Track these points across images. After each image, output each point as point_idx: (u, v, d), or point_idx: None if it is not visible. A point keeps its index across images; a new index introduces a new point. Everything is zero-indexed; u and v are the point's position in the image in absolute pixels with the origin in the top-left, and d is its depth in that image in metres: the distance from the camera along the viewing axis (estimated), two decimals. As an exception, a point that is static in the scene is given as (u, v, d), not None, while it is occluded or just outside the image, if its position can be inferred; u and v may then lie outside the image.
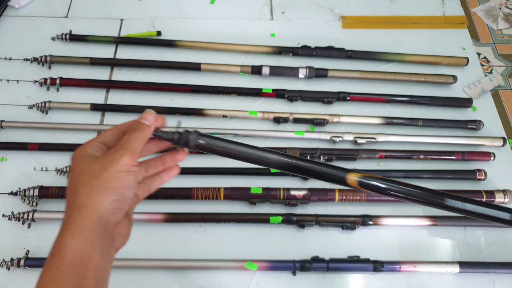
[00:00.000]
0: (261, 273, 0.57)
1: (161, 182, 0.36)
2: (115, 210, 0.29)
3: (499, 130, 0.72)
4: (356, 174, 0.35)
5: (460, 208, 0.36)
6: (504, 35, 0.85)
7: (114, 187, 0.29)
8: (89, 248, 0.27)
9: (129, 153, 0.30)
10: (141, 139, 0.31)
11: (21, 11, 0.83)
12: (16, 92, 0.72)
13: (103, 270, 0.28)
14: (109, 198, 0.28)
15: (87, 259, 0.26)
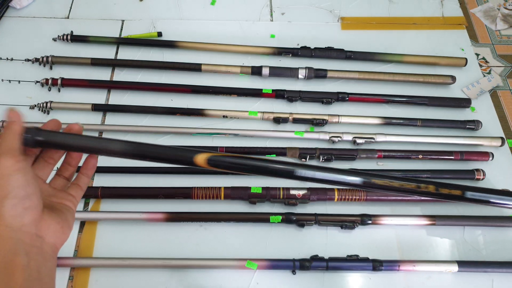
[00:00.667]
0: (261, 272, 0.57)
1: (86, 176, 0.37)
2: (21, 212, 0.29)
3: (497, 130, 0.72)
4: (206, 154, 0.34)
5: (310, 177, 0.35)
6: (502, 35, 0.86)
7: (5, 194, 0.28)
8: (11, 253, 0.28)
9: (5, 155, 0.29)
10: (10, 135, 0.30)
11: (22, 12, 0.83)
12: (17, 92, 0.73)
13: (36, 268, 0.28)
14: (7, 206, 0.28)
15: (11, 263, 0.27)
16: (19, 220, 0.29)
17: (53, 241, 0.31)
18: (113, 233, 0.60)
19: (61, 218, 0.32)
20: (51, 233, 0.31)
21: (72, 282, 0.56)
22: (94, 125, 0.69)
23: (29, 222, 0.29)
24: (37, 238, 0.30)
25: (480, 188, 0.35)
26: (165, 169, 0.64)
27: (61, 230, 0.32)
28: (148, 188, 0.62)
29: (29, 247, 0.29)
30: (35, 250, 0.29)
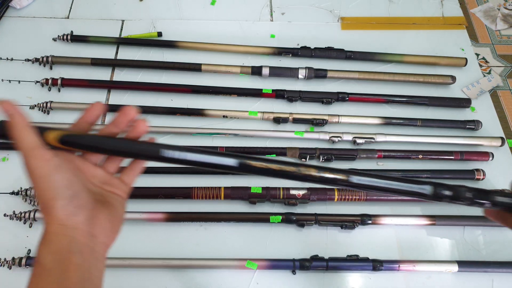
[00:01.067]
0: (261, 272, 0.57)
1: (133, 174, 0.35)
2: (74, 211, 0.28)
3: (497, 130, 0.72)
4: (59, 131, 0.30)
5: (175, 158, 0.31)
6: (502, 35, 0.86)
7: (50, 197, 0.27)
8: (65, 251, 0.27)
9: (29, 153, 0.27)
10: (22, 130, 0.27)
11: (22, 12, 0.83)
12: (17, 92, 0.73)
13: (88, 269, 0.28)
14: (57, 208, 0.27)
15: (65, 261, 0.27)
16: (73, 218, 0.28)
17: (105, 240, 0.30)
18: (113, 233, 0.60)
19: (113, 214, 0.31)
20: (103, 232, 0.30)
21: (72, 282, 0.56)
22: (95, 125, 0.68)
23: (83, 220, 0.28)
24: (90, 237, 0.28)
25: (369, 174, 0.34)
26: (165, 169, 0.64)
27: (112, 228, 0.31)
28: (148, 188, 0.62)
29: (83, 246, 0.28)
30: (88, 250, 0.28)
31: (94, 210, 0.29)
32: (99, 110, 0.34)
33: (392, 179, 0.35)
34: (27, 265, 0.55)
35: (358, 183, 0.34)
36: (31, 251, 0.58)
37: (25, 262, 0.55)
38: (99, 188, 0.32)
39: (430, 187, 0.35)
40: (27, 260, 0.55)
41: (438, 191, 0.35)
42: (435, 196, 0.35)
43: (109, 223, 0.30)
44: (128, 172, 0.34)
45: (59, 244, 0.27)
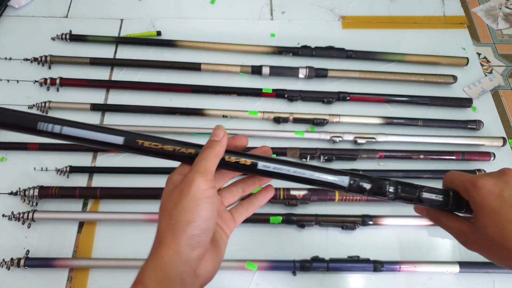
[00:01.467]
0: (261, 273, 0.57)
1: (259, 203, 0.35)
2: (195, 245, 0.27)
3: (499, 130, 0.72)
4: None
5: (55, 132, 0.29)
6: (504, 35, 0.85)
7: (189, 220, 0.27)
8: (169, 282, 0.26)
9: (201, 175, 0.28)
10: (211, 156, 0.29)
11: (21, 11, 0.83)
12: (16, 92, 0.72)
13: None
14: (186, 234, 0.27)
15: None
16: (189, 252, 0.27)
17: (203, 281, 0.29)
18: (112, 234, 0.60)
19: (217, 256, 0.30)
20: (205, 272, 0.29)
21: (71, 283, 0.56)
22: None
23: (195, 257, 0.27)
24: (193, 277, 0.28)
25: (279, 160, 0.33)
26: (165, 170, 0.64)
27: (214, 269, 0.30)
28: (148, 189, 0.61)
29: (184, 283, 0.27)
30: (187, 287, 0.27)
31: (206, 250, 0.29)
32: (245, 142, 0.34)
33: (307, 167, 0.32)
34: (25, 266, 0.55)
35: (263, 169, 0.32)
36: (29, 251, 0.57)
37: (23, 263, 0.55)
38: None
39: (347, 178, 0.32)
40: (25, 261, 0.55)
41: (355, 183, 0.32)
42: (352, 188, 0.32)
43: (212, 264, 0.29)
44: (241, 211, 0.34)
45: (166, 274, 0.26)
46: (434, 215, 0.35)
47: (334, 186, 0.33)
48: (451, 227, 0.33)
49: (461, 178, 0.32)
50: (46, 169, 0.64)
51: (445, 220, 0.34)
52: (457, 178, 0.32)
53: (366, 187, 0.33)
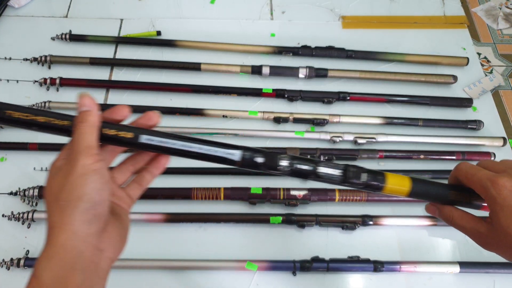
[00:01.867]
0: (261, 273, 0.57)
1: (151, 176, 0.34)
2: (91, 219, 0.26)
3: (499, 130, 0.72)
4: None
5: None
6: (504, 35, 0.85)
7: (80, 195, 0.26)
8: (68, 268, 0.25)
9: (83, 153, 0.26)
10: (87, 130, 0.27)
11: (21, 11, 0.83)
12: (15, 92, 0.72)
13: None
14: (79, 210, 0.25)
15: (65, 280, 0.25)
16: (86, 228, 0.26)
17: (111, 255, 0.28)
18: (112, 234, 0.60)
19: (122, 227, 0.29)
20: (111, 245, 0.28)
21: (71, 284, 0.56)
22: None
23: (94, 232, 0.26)
24: (97, 252, 0.27)
25: (160, 132, 0.31)
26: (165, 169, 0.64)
27: (120, 242, 0.29)
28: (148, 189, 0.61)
29: (87, 263, 0.26)
30: (92, 267, 0.26)
31: (106, 223, 0.28)
32: (125, 112, 0.32)
33: (195, 141, 0.31)
34: (25, 266, 0.55)
35: (147, 143, 0.30)
36: (29, 252, 0.57)
37: (23, 263, 0.55)
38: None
39: (240, 152, 0.31)
40: (25, 261, 0.55)
41: (247, 157, 0.31)
42: (246, 163, 0.31)
43: (118, 236, 0.29)
44: (134, 186, 0.33)
45: (63, 260, 0.25)
46: (447, 215, 0.34)
47: (226, 160, 0.31)
48: (466, 228, 0.32)
49: (479, 175, 0.30)
50: (46, 169, 0.64)
51: (460, 221, 0.33)
52: (474, 175, 0.31)
53: (258, 161, 0.31)
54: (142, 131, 0.31)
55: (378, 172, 0.33)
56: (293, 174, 0.32)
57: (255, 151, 0.32)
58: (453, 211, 0.33)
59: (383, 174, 0.33)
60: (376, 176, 0.33)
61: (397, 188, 0.33)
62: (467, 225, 0.32)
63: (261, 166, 0.32)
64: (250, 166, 0.32)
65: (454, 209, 0.33)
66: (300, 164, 0.32)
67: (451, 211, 0.33)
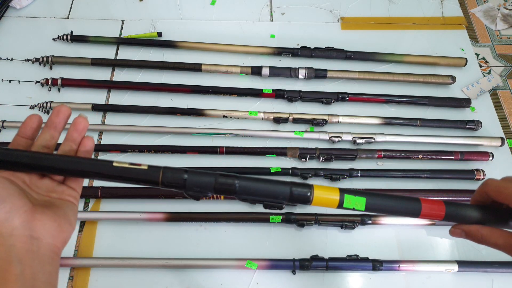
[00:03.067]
0: (261, 272, 0.57)
1: (80, 179, 0.34)
2: (6, 216, 0.27)
3: (497, 130, 0.72)
4: None
5: None
6: (502, 35, 0.86)
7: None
8: (3, 262, 0.26)
9: None
10: None
11: (22, 12, 0.83)
12: (17, 92, 0.73)
13: (31, 276, 0.26)
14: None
15: (4, 273, 0.26)
16: (7, 225, 0.27)
17: (51, 241, 0.29)
18: (113, 233, 0.60)
19: (58, 214, 0.30)
20: (47, 232, 0.29)
21: (72, 282, 0.56)
22: (94, 125, 0.69)
23: (19, 225, 0.27)
24: (32, 241, 0.27)
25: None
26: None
27: (59, 228, 0.29)
28: (148, 188, 0.62)
29: (23, 253, 0.27)
30: (30, 256, 0.27)
31: (33, 213, 0.28)
32: (35, 122, 0.33)
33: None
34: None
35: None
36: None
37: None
38: (46, 197, 0.31)
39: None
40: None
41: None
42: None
43: (54, 222, 0.29)
44: (73, 179, 0.34)
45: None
46: (475, 235, 0.33)
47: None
48: (499, 245, 0.32)
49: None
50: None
51: (491, 238, 0.33)
52: (508, 188, 0.30)
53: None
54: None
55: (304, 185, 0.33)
56: (218, 192, 0.33)
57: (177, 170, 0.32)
58: (481, 230, 0.33)
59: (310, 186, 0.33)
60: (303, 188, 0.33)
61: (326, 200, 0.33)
62: (499, 241, 0.32)
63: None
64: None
65: (480, 228, 0.33)
66: (223, 181, 0.32)
67: (478, 230, 0.33)
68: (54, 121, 0.33)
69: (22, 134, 0.33)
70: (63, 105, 0.33)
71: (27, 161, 0.31)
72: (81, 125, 0.34)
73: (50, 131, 0.33)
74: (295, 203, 0.34)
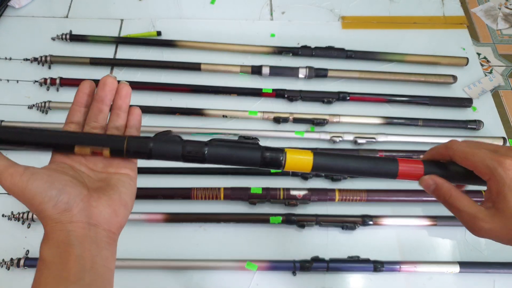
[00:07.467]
0: (261, 273, 0.57)
1: (135, 128, 0.35)
2: (66, 207, 0.28)
3: (499, 130, 0.72)
4: None
5: None
6: (504, 35, 0.85)
7: (38, 202, 0.28)
8: (64, 245, 0.27)
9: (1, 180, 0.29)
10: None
11: (21, 11, 0.83)
12: (16, 92, 0.72)
13: (90, 258, 0.28)
14: (48, 209, 0.28)
15: (65, 254, 0.27)
16: (66, 214, 0.28)
17: (107, 227, 0.29)
18: (112, 234, 0.60)
19: (113, 198, 0.30)
20: (103, 219, 0.29)
21: (71, 283, 0.56)
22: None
23: (77, 213, 0.28)
24: (90, 227, 0.28)
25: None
26: (164, 170, 0.64)
27: (113, 213, 0.30)
28: (147, 189, 0.61)
29: (82, 237, 0.28)
30: (88, 240, 0.28)
31: (89, 200, 0.29)
32: (87, 88, 0.34)
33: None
34: (25, 266, 0.55)
35: None
36: (29, 251, 0.57)
37: (23, 263, 0.55)
38: (103, 174, 0.32)
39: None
40: (25, 261, 0.55)
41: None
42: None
43: (109, 208, 0.30)
44: None
45: (57, 239, 0.27)
46: (444, 193, 0.31)
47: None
48: (462, 211, 0.30)
49: (481, 155, 0.29)
50: (46, 169, 0.64)
51: (457, 202, 0.31)
52: (474, 155, 0.29)
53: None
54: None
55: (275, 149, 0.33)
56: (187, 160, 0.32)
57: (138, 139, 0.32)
58: (452, 191, 0.31)
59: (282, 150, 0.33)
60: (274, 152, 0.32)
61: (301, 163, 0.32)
62: (464, 208, 0.30)
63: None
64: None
65: (454, 189, 0.31)
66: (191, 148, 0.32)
67: (449, 189, 0.31)
68: (100, 95, 0.33)
69: (77, 103, 0.33)
70: (109, 76, 0.33)
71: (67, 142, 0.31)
72: (124, 91, 0.34)
73: (98, 104, 0.33)
74: (267, 167, 0.33)
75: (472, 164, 0.30)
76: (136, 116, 0.35)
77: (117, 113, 0.34)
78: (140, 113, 0.35)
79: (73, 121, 0.33)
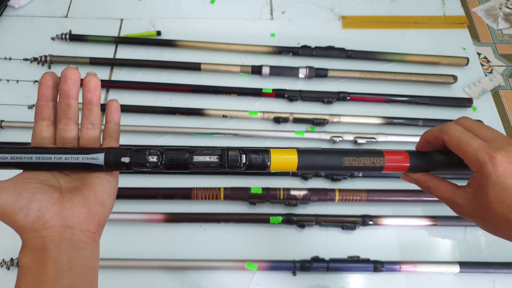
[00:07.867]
0: (261, 273, 0.57)
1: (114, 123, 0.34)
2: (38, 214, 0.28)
3: (499, 130, 0.71)
4: None
5: None
6: (504, 35, 0.85)
7: (9, 213, 0.28)
8: (39, 250, 0.27)
9: None
10: None
11: (20, 11, 0.83)
12: (16, 92, 0.72)
13: (67, 260, 0.28)
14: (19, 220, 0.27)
15: (42, 258, 0.27)
16: (40, 221, 0.28)
17: (83, 227, 0.29)
18: (112, 234, 0.60)
19: (87, 198, 0.30)
20: (78, 219, 0.29)
21: (71, 284, 0.56)
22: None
23: (50, 218, 0.28)
24: (66, 230, 0.28)
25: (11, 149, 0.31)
26: (164, 169, 0.64)
27: (89, 213, 0.29)
28: (147, 189, 0.61)
29: (58, 240, 0.28)
30: (65, 242, 0.28)
31: (61, 203, 0.29)
32: (49, 80, 0.32)
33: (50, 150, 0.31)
34: (25, 266, 0.55)
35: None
36: (29, 252, 0.57)
37: (23, 263, 0.55)
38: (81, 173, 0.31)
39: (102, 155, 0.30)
40: (25, 261, 0.55)
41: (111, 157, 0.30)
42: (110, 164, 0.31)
43: (84, 208, 0.29)
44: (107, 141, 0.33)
45: (34, 246, 0.27)
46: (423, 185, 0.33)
47: (89, 166, 0.30)
48: (443, 198, 0.32)
49: (475, 146, 0.29)
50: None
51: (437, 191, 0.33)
52: (468, 145, 0.29)
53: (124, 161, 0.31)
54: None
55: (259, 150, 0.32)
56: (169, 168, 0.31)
57: (119, 151, 0.31)
58: (429, 181, 0.33)
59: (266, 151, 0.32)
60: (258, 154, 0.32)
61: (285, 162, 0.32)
62: (444, 195, 0.32)
63: (130, 166, 0.31)
64: (117, 168, 0.31)
65: (430, 179, 0.33)
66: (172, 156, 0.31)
67: (426, 181, 0.33)
68: (64, 89, 0.31)
69: (42, 97, 0.32)
70: (69, 68, 0.31)
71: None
72: (91, 84, 0.32)
73: (64, 99, 0.32)
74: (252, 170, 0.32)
75: (463, 153, 0.30)
76: (115, 110, 0.34)
77: (89, 108, 0.32)
78: (118, 106, 0.34)
79: (44, 118, 0.32)
